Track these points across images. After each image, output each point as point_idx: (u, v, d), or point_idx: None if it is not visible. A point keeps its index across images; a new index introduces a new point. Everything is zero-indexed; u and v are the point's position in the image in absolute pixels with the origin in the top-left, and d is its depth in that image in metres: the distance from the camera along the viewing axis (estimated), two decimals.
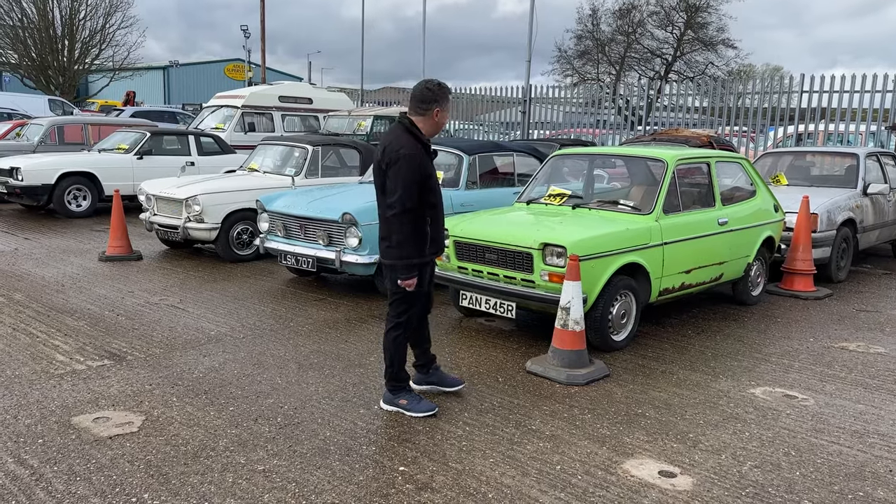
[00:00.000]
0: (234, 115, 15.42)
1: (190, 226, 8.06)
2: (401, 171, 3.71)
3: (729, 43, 40.10)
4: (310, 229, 6.73)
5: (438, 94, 3.86)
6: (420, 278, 3.94)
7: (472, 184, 7.57)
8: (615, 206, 5.93)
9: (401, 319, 4.04)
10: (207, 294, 6.80)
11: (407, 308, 4.03)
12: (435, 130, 3.91)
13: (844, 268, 8.17)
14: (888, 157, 9.43)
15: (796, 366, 5.17)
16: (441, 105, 3.88)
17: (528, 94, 17.77)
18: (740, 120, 14.33)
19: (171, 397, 4.23)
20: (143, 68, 43.13)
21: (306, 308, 6.38)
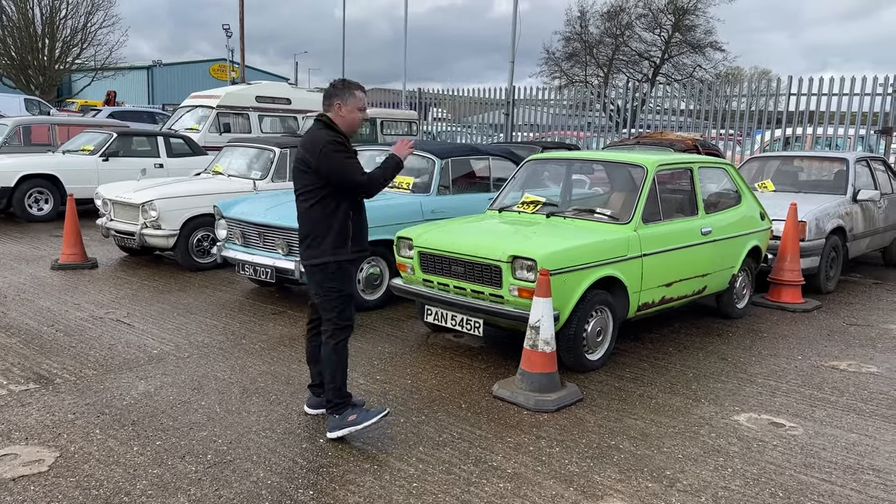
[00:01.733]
0: (209, 116, 14.94)
1: (146, 232, 7.63)
2: (332, 156, 3.59)
3: (717, 46, 39.89)
4: (269, 237, 6.31)
5: (339, 89, 3.75)
6: (349, 277, 3.78)
7: (445, 189, 7.18)
8: (592, 215, 5.55)
9: (340, 324, 3.76)
10: (158, 307, 6.37)
11: (340, 311, 3.75)
12: (346, 126, 3.74)
13: (833, 278, 7.83)
14: (878, 163, 9.12)
15: (783, 388, 4.81)
16: (341, 99, 3.73)
17: (512, 95, 17.41)
18: (727, 123, 14.02)
19: (93, 429, 3.81)
20: (125, 68, 42.49)
21: (262, 323, 5.96)
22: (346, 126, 3.73)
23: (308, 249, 3.74)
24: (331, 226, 3.67)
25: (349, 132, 3.74)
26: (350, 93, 3.73)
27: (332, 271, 3.70)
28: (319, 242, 3.69)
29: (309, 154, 3.63)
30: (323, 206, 3.67)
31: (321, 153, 3.59)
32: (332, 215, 3.68)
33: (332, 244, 3.68)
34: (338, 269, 3.71)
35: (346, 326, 3.77)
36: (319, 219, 3.69)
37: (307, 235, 3.74)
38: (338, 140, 3.63)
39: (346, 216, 3.70)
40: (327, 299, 3.74)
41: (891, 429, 4.17)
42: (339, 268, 3.71)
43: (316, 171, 3.61)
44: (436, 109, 19.52)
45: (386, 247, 6.22)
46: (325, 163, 3.58)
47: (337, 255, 3.69)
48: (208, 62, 54.16)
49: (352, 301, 3.82)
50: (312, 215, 3.70)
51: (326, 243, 3.68)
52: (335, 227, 3.67)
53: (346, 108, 3.72)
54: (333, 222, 3.67)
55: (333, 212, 3.68)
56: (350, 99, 3.72)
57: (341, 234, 3.69)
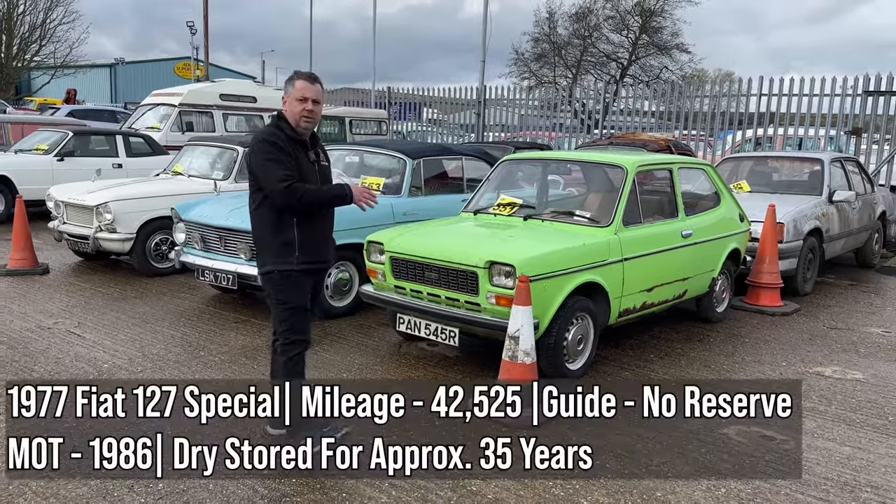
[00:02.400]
0: (170, 114, 14.47)
1: (101, 236, 7.22)
2: (257, 155, 3.35)
3: (683, 47, 40.26)
4: (230, 241, 5.97)
5: (286, 80, 3.50)
6: (299, 290, 3.46)
7: (417, 190, 6.90)
8: (570, 218, 5.32)
9: (290, 338, 3.47)
10: (112, 316, 6.00)
11: (290, 325, 3.47)
12: (291, 119, 3.42)
13: (811, 280, 7.73)
14: (852, 163, 9.07)
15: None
16: (285, 91, 3.46)
17: (483, 95, 17.19)
18: (697, 124, 13.95)
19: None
20: (86, 66, 41.46)
21: (224, 332, 5.63)
22: (291, 119, 3.42)
23: (256, 257, 3.52)
24: (274, 233, 3.39)
25: (295, 126, 3.42)
26: (291, 83, 3.44)
27: (276, 282, 3.43)
28: (263, 250, 3.45)
29: (248, 151, 3.42)
30: (266, 210, 3.40)
31: (251, 151, 3.37)
32: (276, 220, 3.39)
33: (276, 253, 3.40)
34: (283, 280, 3.42)
35: (297, 341, 3.47)
36: (262, 224, 3.44)
37: (254, 242, 3.52)
38: (269, 139, 3.34)
39: (290, 223, 3.39)
40: (276, 311, 3.48)
41: (883, 440, 4.01)
42: (285, 278, 3.42)
43: (251, 171, 3.40)
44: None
45: (355, 251, 5.92)
46: (252, 162, 3.35)
47: (279, 264, 3.40)
48: (173, 60, 53.07)
49: (305, 314, 3.51)
50: (256, 220, 3.46)
51: (269, 251, 3.42)
52: (278, 234, 3.39)
53: (287, 100, 3.42)
54: (276, 229, 3.39)
55: (277, 217, 3.39)
56: (290, 89, 3.42)
57: (285, 241, 3.39)
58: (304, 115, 3.39)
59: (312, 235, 3.46)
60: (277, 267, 3.40)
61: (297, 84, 3.41)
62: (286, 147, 3.34)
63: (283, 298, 3.43)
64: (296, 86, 3.41)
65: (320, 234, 3.53)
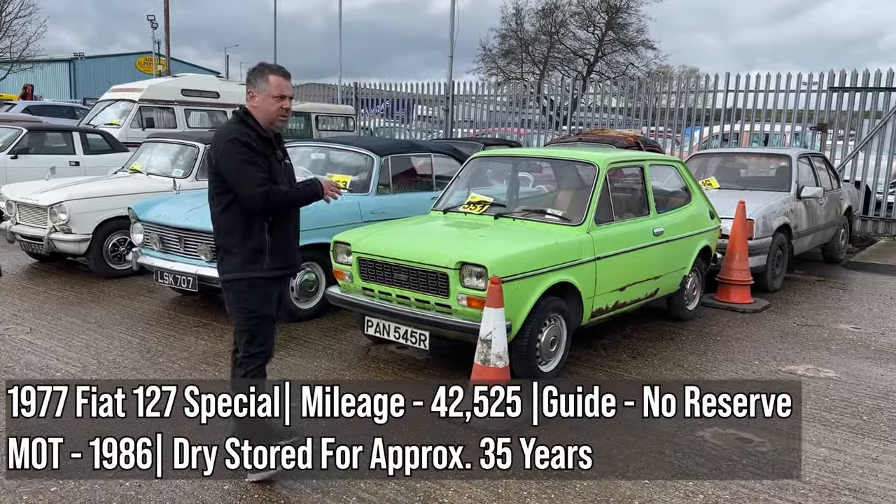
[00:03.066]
0: (130, 110, 14.07)
1: (56, 237, 6.93)
2: (230, 157, 3.08)
3: (648, 44, 40.53)
4: (190, 242, 5.75)
5: (252, 74, 3.22)
6: (266, 298, 3.25)
7: (384, 188, 6.74)
8: (542, 216, 5.22)
9: (251, 350, 3.24)
10: (67, 320, 5.74)
11: (253, 336, 3.23)
12: (263, 118, 3.18)
13: (779, 276, 7.74)
14: (819, 159, 9.12)
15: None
16: (254, 86, 3.19)
17: (451, 90, 17.05)
18: (664, 120, 13.97)
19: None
20: (44, 61, 40.35)
21: (184, 337, 5.41)
22: (263, 118, 3.17)
23: (220, 263, 3.26)
24: (243, 237, 3.16)
25: (268, 125, 3.19)
26: (263, 78, 3.16)
27: (242, 290, 3.20)
28: (230, 256, 3.19)
29: (213, 151, 3.16)
30: (233, 213, 3.16)
31: (221, 152, 3.10)
32: (245, 224, 3.15)
33: (244, 259, 3.16)
34: (250, 288, 3.19)
35: (258, 354, 3.25)
36: (229, 228, 3.18)
37: (219, 248, 3.26)
38: (241, 139, 3.08)
39: (261, 227, 3.17)
40: (238, 321, 3.25)
41: (859, 441, 3.97)
42: (253, 286, 3.19)
43: (217, 173, 3.14)
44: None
45: (322, 251, 5.74)
46: (223, 163, 3.09)
47: (248, 271, 3.17)
48: (134, 55, 51.91)
49: (270, 324, 3.30)
50: (222, 223, 3.21)
51: (237, 257, 3.17)
52: (247, 238, 3.16)
53: (259, 97, 3.16)
54: (246, 233, 3.15)
55: (246, 220, 3.15)
56: (263, 85, 3.16)
57: (255, 247, 3.17)
58: (282, 115, 3.19)
59: (283, 240, 3.26)
60: (246, 274, 3.17)
61: (272, 80, 3.16)
62: (259, 147, 3.13)
63: (248, 307, 3.21)
64: (270, 82, 3.16)
65: (290, 239, 3.34)
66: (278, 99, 3.16)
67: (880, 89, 11.60)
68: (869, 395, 4.65)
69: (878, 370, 5.15)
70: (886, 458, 3.75)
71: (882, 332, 6.13)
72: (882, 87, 11.56)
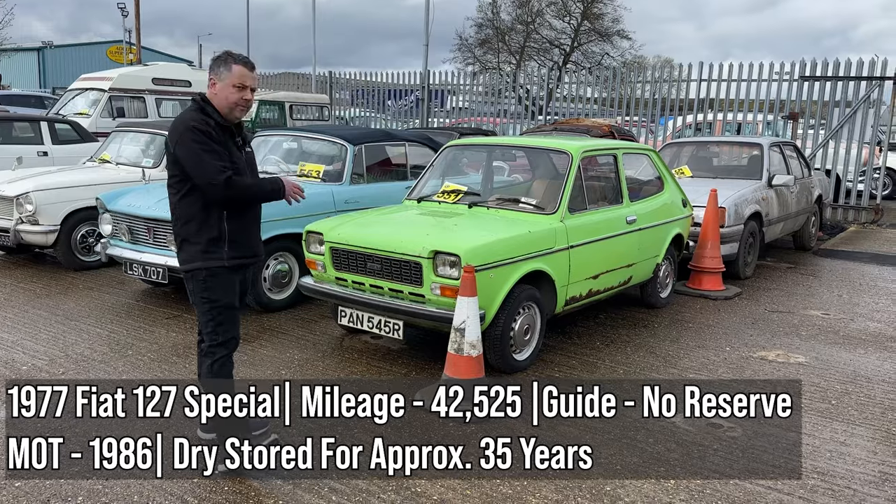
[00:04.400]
0: (100, 99, 13.81)
1: (22, 228, 6.79)
2: (189, 145, 3.02)
3: (624, 34, 40.71)
4: (159, 233, 5.66)
5: (215, 62, 3.18)
6: (227, 288, 3.21)
7: (358, 177, 6.69)
8: (516, 205, 5.21)
9: (216, 339, 3.19)
10: (34, 313, 5.63)
11: (216, 326, 3.19)
12: (224, 105, 3.13)
13: (751, 263, 7.83)
14: (790, 148, 9.21)
15: (716, 383, 4.62)
16: (215, 74, 3.13)
17: (427, 80, 16.98)
18: (638, 110, 14.03)
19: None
20: (10, 49, 39.52)
21: (153, 329, 5.34)
22: (221, 105, 3.12)
23: (180, 252, 3.22)
24: (201, 226, 3.11)
25: (227, 115, 3.13)
26: (227, 66, 3.11)
27: (202, 279, 3.15)
28: (189, 245, 3.15)
29: (170, 139, 3.10)
30: (191, 202, 3.11)
31: (178, 139, 3.04)
32: (203, 213, 3.10)
33: (203, 248, 3.12)
34: (209, 277, 3.15)
35: (224, 342, 3.20)
36: (187, 216, 3.13)
37: (178, 236, 3.21)
38: (199, 127, 3.03)
39: (219, 215, 3.12)
40: (201, 311, 3.21)
41: (827, 425, 4.02)
42: (212, 275, 3.15)
43: (175, 160, 3.08)
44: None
45: (294, 241, 5.69)
46: (181, 151, 3.03)
47: (208, 260, 3.13)
48: (105, 44, 50.93)
49: (233, 313, 3.25)
50: (181, 212, 3.15)
51: (196, 246, 3.13)
52: (206, 227, 3.11)
53: (220, 85, 3.11)
54: (204, 222, 3.11)
55: (204, 209, 3.10)
56: (225, 73, 3.10)
57: (213, 236, 3.12)
58: (241, 105, 3.14)
59: (243, 228, 3.22)
60: (206, 264, 3.13)
61: (234, 69, 3.11)
62: (217, 136, 3.08)
63: (209, 297, 3.16)
64: (233, 70, 3.10)
65: (250, 227, 3.30)
66: (239, 89, 3.11)
67: (850, 78, 11.74)
68: (838, 380, 4.71)
69: (847, 355, 5.23)
70: (853, 442, 3.80)
71: (851, 318, 6.22)
72: (852, 76, 11.70)
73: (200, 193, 3.07)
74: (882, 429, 3.98)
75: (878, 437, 3.88)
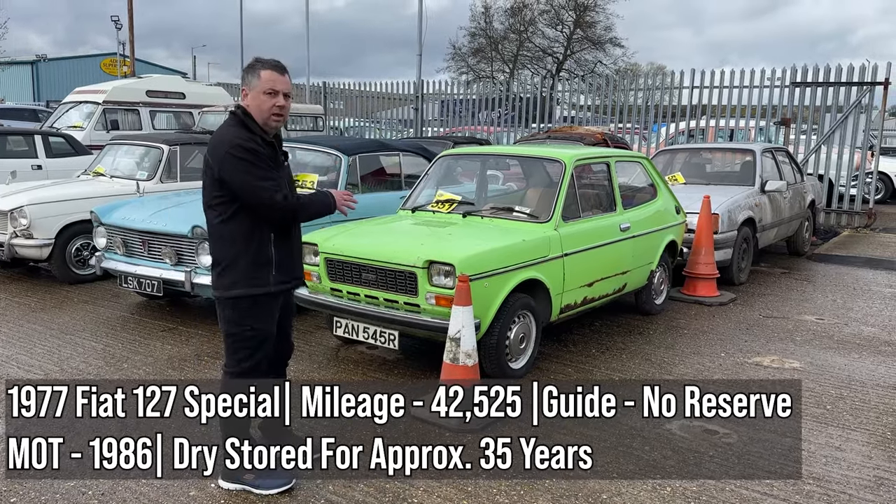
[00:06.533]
0: (94, 112, 13.83)
1: (17, 242, 6.78)
2: (236, 165, 2.86)
3: (616, 42, 40.95)
4: (154, 246, 5.67)
5: (245, 71, 3.01)
6: (269, 315, 3.09)
7: (353, 187, 6.70)
8: (510, 214, 5.23)
9: (242, 367, 3.09)
10: (29, 327, 5.62)
11: (251, 353, 3.08)
12: (258, 115, 2.96)
13: (745, 269, 7.86)
14: (782, 153, 9.27)
15: (711, 390, 4.61)
16: (246, 83, 2.98)
17: (421, 90, 17.02)
18: (631, 117, 14.08)
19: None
20: (5, 63, 39.53)
21: (149, 342, 5.33)
22: (258, 116, 2.95)
23: (219, 277, 3.03)
24: (247, 249, 2.95)
25: (264, 125, 2.96)
26: (254, 73, 2.94)
27: (246, 308, 2.99)
28: (232, 270, 2.97)
29: (212, 159, 2.92)
30: (237, 224, 2.94)
31: (223, 160, 2.87)
32: (250, 236, 2.94)
33: (249, 273, 2.97)
34: (253, 306, 3.00)
35: (252, 368, 3.08)
36: (231, 240, 2.95)
37: (218, 261, 3.02)
38: (244, 144, 2.86)
39: (267, 238, 2.97)
40: (234, 339, 3.05)
41: (822, 430, 4.04)
42: (255, 304, 3.00)
43: (220, 181, 2.91)
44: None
45: None
46: (227, 173, 2.87)
47: (253, 287, 2.98)
48: (99, 56, 50.99)
49: (268, 344, 3.12)
50: (224, 234, 2.97)
51: (240, 271, 2.96)
52: (252, 251, 2.96)
53: (251, 94, 2.94)
54: (250, 245, 2.95)
55: (251, 231, 2.94)
56: (254, 81, 2.93)
57: (261, 261, 2.98)
58: (275, 113, 2.95)
59: (289, 251, 3.11)
60: (250, 290, 2.98)
61: (263, 75, 2.94)
62: (265, 152, 2.93)
63: (252, 325, 3.02)
64: (262, 77, 2.94)
65: (294, 250, 3.18)
66: (270, 95, 2.94)
67: (842, 84, 11.81)
68: (832, 385, 4.73)
69: (841, 360, 5.25)
70: (848, 447, 3.82)
71: (845, 323, 6.24)
72: (843, 81, 11.78)
73: (247, 215, 2.94)
74: (877, 433, 3.99)
75: (873, 441, 3.89)
